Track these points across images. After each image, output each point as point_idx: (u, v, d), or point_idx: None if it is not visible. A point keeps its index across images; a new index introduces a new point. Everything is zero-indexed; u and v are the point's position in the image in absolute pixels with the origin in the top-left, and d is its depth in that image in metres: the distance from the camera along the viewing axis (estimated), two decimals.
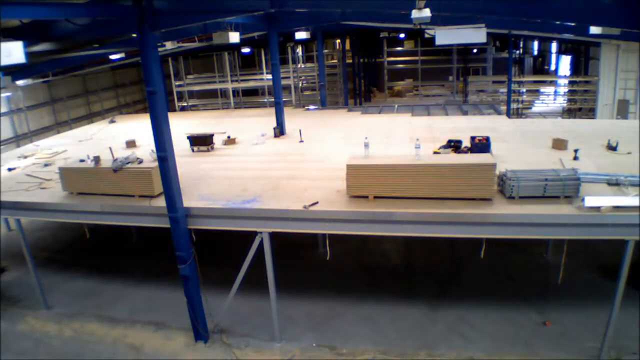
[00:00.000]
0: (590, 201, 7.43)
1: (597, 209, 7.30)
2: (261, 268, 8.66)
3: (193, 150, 12.99)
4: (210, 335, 9.48)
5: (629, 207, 7.36)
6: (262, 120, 16.80)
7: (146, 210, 9.15)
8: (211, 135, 13.32)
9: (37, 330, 10.19)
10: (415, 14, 7.49)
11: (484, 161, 8.18)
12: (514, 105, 24.91)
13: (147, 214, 9.21)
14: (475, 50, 35.08)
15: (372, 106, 22.32)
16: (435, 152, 10.56)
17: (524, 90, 26.56)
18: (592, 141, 11.47)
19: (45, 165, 12.44)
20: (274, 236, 8.59)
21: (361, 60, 34.03)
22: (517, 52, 33.80)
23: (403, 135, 13.34)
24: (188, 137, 13.22)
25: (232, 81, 25.20)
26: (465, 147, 10.90)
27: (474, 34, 8.83)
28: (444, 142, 11.22)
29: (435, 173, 8.07)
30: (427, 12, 7.46)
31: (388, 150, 11.63)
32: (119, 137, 15.43)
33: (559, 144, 10.97)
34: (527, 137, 12.39)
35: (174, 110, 24.48)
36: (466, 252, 12.00)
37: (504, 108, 23.00)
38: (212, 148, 13.20)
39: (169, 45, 16.66)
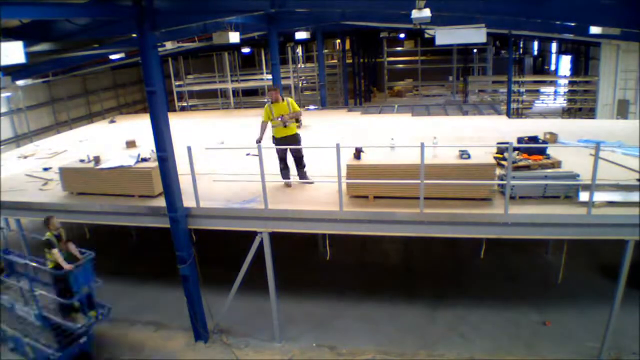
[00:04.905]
0: (584, 196, 7.45)
1: (592, 203, 7.31)
2: (261, 268, 8.66)
3: None
4: (210, 335, 9.48)
5: (623, 203, 7.44)
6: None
7: (146, 210, 9.16)
8: None
9: None
10: (415, 14, 7.49)
11: (484, 161, 8.18)
12: (514, 105, 24.90)
13: (147, 214, 9.21)
14: (475, 50, 35.07)
15: (372, 106, 22.33)
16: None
17: (524, 90, 26.56)
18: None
19: (45, 169, 12.38)
20: (273, 236, 8.59)
21: (361, 60, 34.02)
22: (517, 52, 33.81)
23: (403, 135, 13.32)
24: None
25: (232, 81, 25.19)
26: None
27: (474, 34, 8.83)
28: (453, 142, 10.77)
29: (435, 173, 8.06)
30: (427, 12, 7.47)
31: (388, 150, 11.60)
32: (119, 137, 15.41)
33: (550, 138, 11.40)
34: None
35: (174, 110, 24.47)
36: (466, 252, 12.00)
37: (504, 108, 23.00)
38: None
39: (169, 45, 16.66)
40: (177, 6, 8.95)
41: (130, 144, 14.10)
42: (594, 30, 11.34)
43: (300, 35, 18.93)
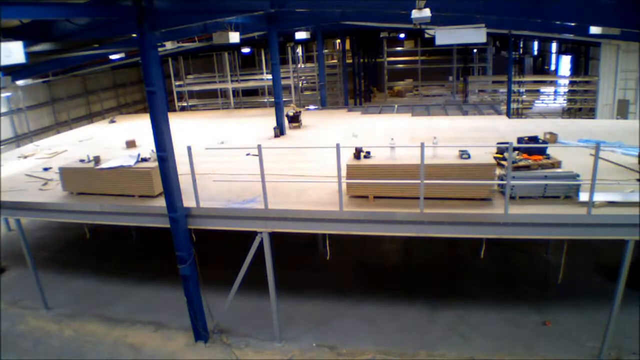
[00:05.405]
0: (585, 196, 7.45)
1: (592, 203, 7.31)
2: (261, 268, 8.66)
3: None
4: (210, 335, 9.47)
5: (623, 203, 7.45)
6: (262, 120, 16.80)
7: (146, 210, 9.15)
8: None
9: (37, 330, 10.19)
10: (415, 14, 7.50)
11: (484, 161, 8.17)
12: (514, 105, 24.90)
13: (147, 214, 9.21)
14: (475, 50, 35.07)
15: (372, 106, 22.30)
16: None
17: (524, 90, 26.57)
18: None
19: (45, 169, 12.39)
20: (273, 236, 8.59)
21: (361, 60, 34.03)
22: (517, 52, 33.81)
23: (403, 135, 13.32)
24: None
25: (232, 81, 25.21)
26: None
27: (474, 34, 8.82)
28: (453, 142, 10.77)
29: (435, 173, 8.06)
30: (427, 12, 7.48)
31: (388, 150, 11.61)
32: (119, 137, 15.42)
33: (550, 138, 11.46)
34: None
35: (174, 110, 24.48)
36: (466, 252, 12.00)
37: (504, 108, 23.00)
38: None
39: (169, 45, 16.67)
40: (177, 6, 8.95)
41: (130, 144, 14.11)
42: (594, 30, 11.34)
43: (300, 35, 18.93)
